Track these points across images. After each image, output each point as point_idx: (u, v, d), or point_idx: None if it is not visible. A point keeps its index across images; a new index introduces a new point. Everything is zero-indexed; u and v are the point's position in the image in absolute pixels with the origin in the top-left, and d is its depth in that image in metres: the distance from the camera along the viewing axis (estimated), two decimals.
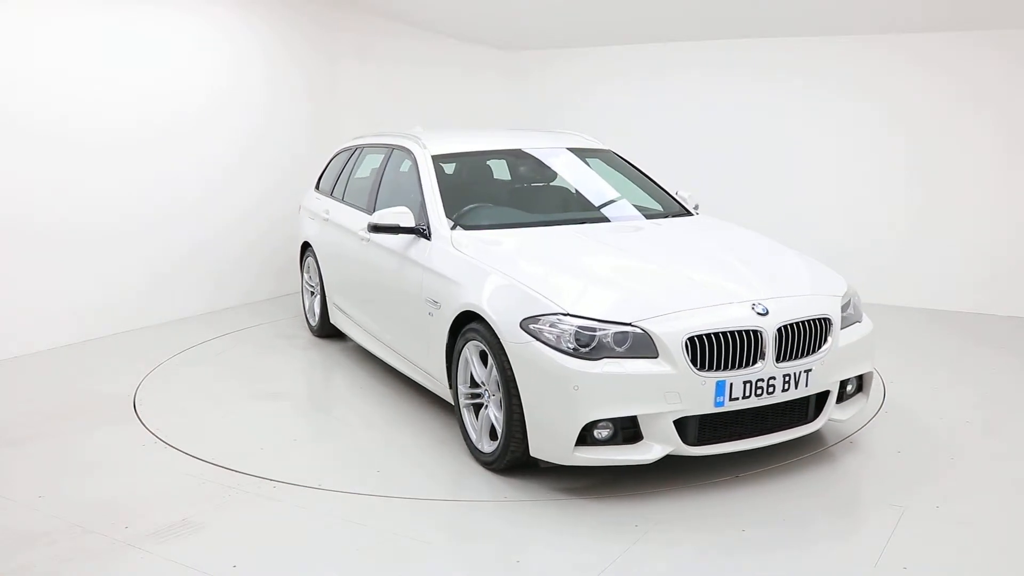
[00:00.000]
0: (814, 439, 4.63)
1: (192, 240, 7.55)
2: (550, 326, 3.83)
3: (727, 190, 8.72)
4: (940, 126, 7.76)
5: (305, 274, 7.00)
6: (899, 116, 7.92)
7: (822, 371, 4.07)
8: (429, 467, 4.34)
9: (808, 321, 4.04)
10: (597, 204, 5.53)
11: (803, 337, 4.02)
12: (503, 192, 5.69)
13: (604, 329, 3.80)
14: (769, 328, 3.90)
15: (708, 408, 3.82)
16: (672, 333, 3.78)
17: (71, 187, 6.57)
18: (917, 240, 7.97)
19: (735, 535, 3.61)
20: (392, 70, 9.32)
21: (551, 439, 3.84)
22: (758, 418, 4.01)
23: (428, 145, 5.53)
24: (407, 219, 4.94)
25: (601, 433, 3.79)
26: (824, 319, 4.11)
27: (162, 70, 7.17)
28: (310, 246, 6.79)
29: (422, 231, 4.92)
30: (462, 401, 4.41)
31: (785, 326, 3.95)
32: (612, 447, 3.82)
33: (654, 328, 3.80)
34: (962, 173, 7.71)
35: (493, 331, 4.03)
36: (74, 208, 6.61)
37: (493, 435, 4.18)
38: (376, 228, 4.99)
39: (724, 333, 3.84)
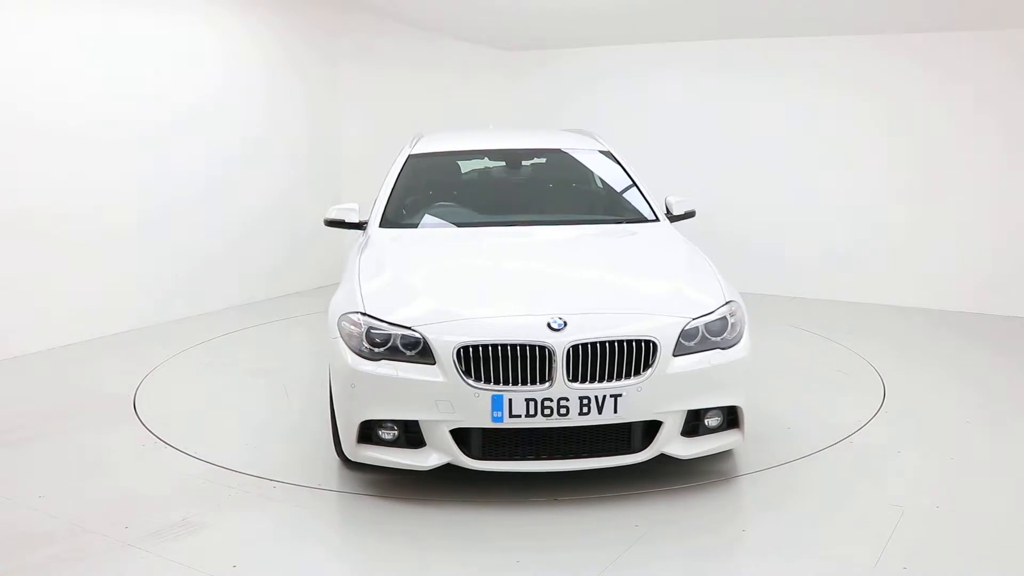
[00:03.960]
0: (814, 439, 4.63)
1: (192, 240, 7.55)
2: (351, 324, 3.91)
3: (727, 190, 8.72)
4: (940, 126, 7.76)
5: None
6: (899, 116, 7.92)
7: (642, 398, 3.71)
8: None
9: (616, 342, 3.70)
10: (547, 207, 5.50)
11: (609, 359, 3.69)
12: (468, 191, 5.76)
13: (392, 331, 3.80)
14: (559, 345, 3.65)
15: (486, 422, 3.66)
16: (445, 341, 3.69)
17: (71, 187, 6.57)
18: (917, 240, 7.97)
19: (735, 535, 3.61)
20: (392, 70, 9.32)
21: (343, 434, 3.94)
22: (563, 439, 3.77)
23: (417, 145, 5.71)
24: (352, 215, 5.17)
25: (387, 434, 3.82)
26: (646, 342, 3.74)
27: (162, 70, 7.18)
28: None
29: (363, 226, 5.14)
30: None
31: (582, 345, 3.66)
32: (394, 449, 3.83)
33: (430, 335, 3.74)
34: (962, 173, 7.71)
35: None
36: (74, 208, 6.61)
37: None
38: (328, 222, 5.22)
39: (503, 346, 3.66)
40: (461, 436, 3.75)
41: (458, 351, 3.67)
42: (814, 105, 8.27)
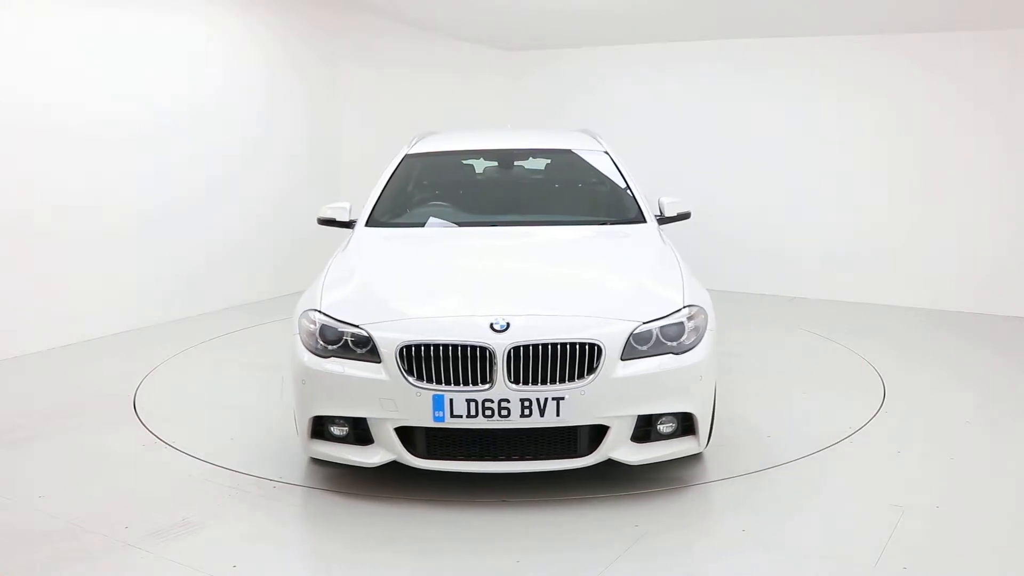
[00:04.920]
0: (814, 439, 4.63)
1: (191, 240, 7.55)
2: (308, 322, 3.97)
3: (727, 190, 8.73)
4: (940, 126, 7.76)
5: None
6: (899, 116, 7.93)
7: (585, 402, 3.67)
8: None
9: (559, 344, 3.66)
10: (534, 208, 5.48)
11: (551, 361, 3.65)
12: (458, 191, 5.80)
13: (343, 329, 3.84)
14: (500, 346, 3.64)
15: (428, 422, 3.67)
16: (389, 340, 3.72)
17: (71, 187, 6.57)
18: (917, 240, 7.97)
19: (735, 535, 3.61)
20: (392, 70, 9.32)
21: (298, 430, 4.00)
22: (508, 441, 3.76)
23: (416, 145, 5.76)
24: (343, 214, 5.27)
25: (338, 430, 3.88)
26: (590, 345, 3.69)
27: (162, 70, 7.18)
28: None
29: (351, 224, 5.21)
30: None
31: (524, 347, 3.64)
32: (344, 445, 3.89)
33: (376, 333, 3.77)
34: (962, 173, 7.71)
35: None
36: (74, 208, 6.61)
37: None
38: (321, 221, 5.34)
39: (444, 346, 3.67)
40: (407, 435, 3.78)
41: (401, 350, 3.69)
42: (814, 105, 8.28)
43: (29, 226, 6.32)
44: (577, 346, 3.68)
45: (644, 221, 5.15)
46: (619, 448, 3.81)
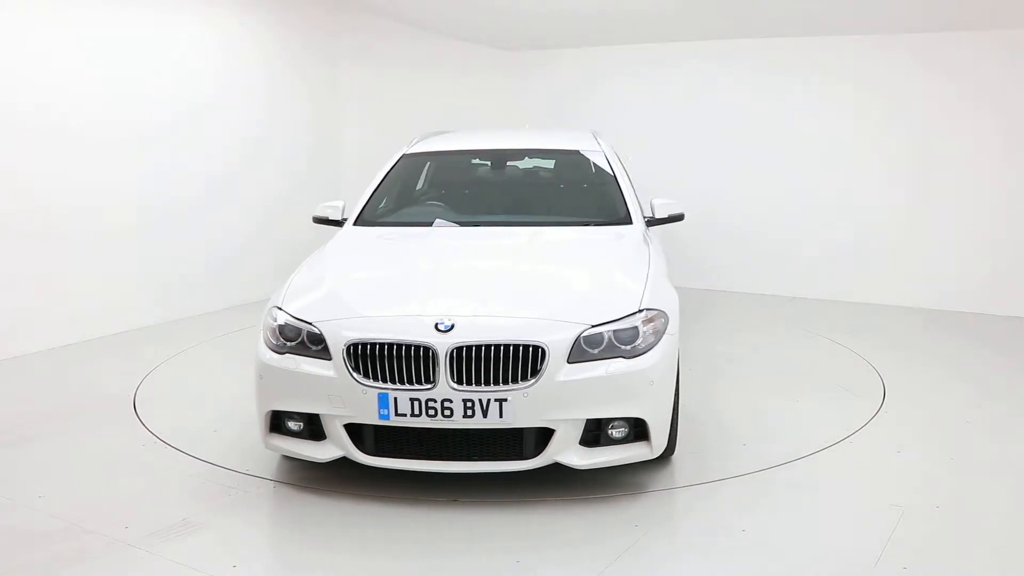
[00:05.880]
0: (814, 439, 4.63)
1: (191, 240, 7.55)
2: (271, 319, 4.05)
3: (727, 190, 8.73)
4: (940, 126, 7.76)
5: None
6: (899, 116, 7.93)
7: (529, 404, 3.64)
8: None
9: (502, 346, 3.65)
10: (521, 208, 5.50)
11: (495, 363, 3.64)
12: (448, 192, 5.84)
13: (300, 327, 3.91)
14: (443, 346, 3.65)
15: (374, 419, 3.72)
16: (338, 338, 3.78)
17: (71, 187, 6.57)
18: (917, 240, 7.97)
19: (735, 535, 3.61)
20: (392, 70, 9.32)
21: (259, 424, 4.06)
22: (456, 441, 3.78)
23: (415, 145, 5.85)
24: (336, 212, 5.39)
25: (294, 425, 3.94)
26: (534, 347, 3.66)
27: (162, 70, 7.18)
28: None
29: (341, 223, 5.31)
30: None
31: (466, 347, 3.64)
32: (299, 440, 3.96)
33: (327, 331, 3.83)
34: (962, 173, 7.71)
35: None
36: (74, 208, 6.61)
37: None
38: (315, 219, 5.48)
39: (389, 344, 3.70)
40: (356, 431, 3.83)
41: (349, 347, 3.74)
42: (814, 105, 8.28)
43: (29, 226, 6.32)
44: (520, 348, 3.67)
45: (630, 223, 5.10)
46: (566, 452, 3.76)
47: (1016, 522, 3.74)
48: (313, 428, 3.91)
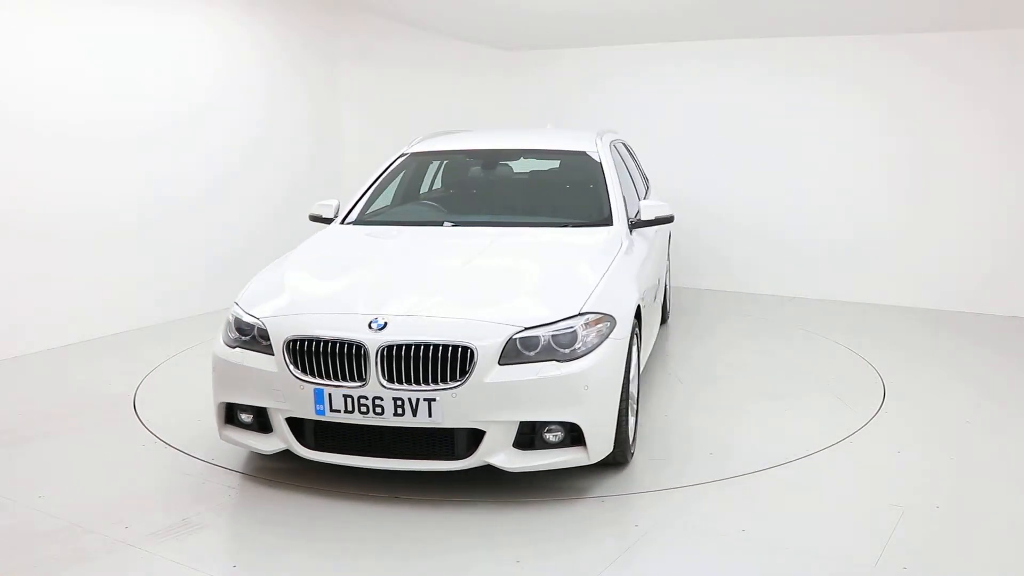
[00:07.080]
0: (814, 439, 4.63)
1: (191, 240, 7.55)
2: (231, 314, 4.20)
3: (727, 190, 8.72)
4: (940, 126, 7.76)
5: None
6: (899, 116, 7.92)
7: (458, 404, 3.65)
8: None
9: (431, 346, 3.67)
10: (504, 209, 5.50)
11: (424, 362, 3.67)
12: (438, 192, 5.99)
13: (251, 322, 4.03)
14: (373, 344, 3.69)
15: (311, 414, 3.81)
16: (279, 333, 3.88)
17: (71, 187, 6.57)
18: (917, 240, 7.97)
19: (735, 535, 3.61)
20: (392, 70, 9.32)
21: (215, 416, 4.19)
22: (389, 438, 3.81)
23: (415, 145, 5.92)
24: (329, 211, 5.44)
25: (246, 418, 4.06)
26: (463, 347, 3.67)
27: (162, 70, 7.18)
28: None
29: (331, 221, 5.40)
30: None
31: (396, 346, 3.67)
32: (248, 433, 4.09)
33: (271, 326, 3.93)
34: (962, 173, 7.71)
35: None
36: (74, 208, 6.61)
37: None
38: (311, 218, 5.53)
39: (324, 341, 3.77)
40: (297, 426, 3.92)
41: (288, 343, 3.83)
42: (814, 105, 8.27)
43: (29, 226, 6.32)
44: (449, 348, 3.68)
45: (611, 224, 5.03)
46: (498, 453, 3.75)
47: (1016, 522, 3.73)
48: (261, 421, 4.02)
